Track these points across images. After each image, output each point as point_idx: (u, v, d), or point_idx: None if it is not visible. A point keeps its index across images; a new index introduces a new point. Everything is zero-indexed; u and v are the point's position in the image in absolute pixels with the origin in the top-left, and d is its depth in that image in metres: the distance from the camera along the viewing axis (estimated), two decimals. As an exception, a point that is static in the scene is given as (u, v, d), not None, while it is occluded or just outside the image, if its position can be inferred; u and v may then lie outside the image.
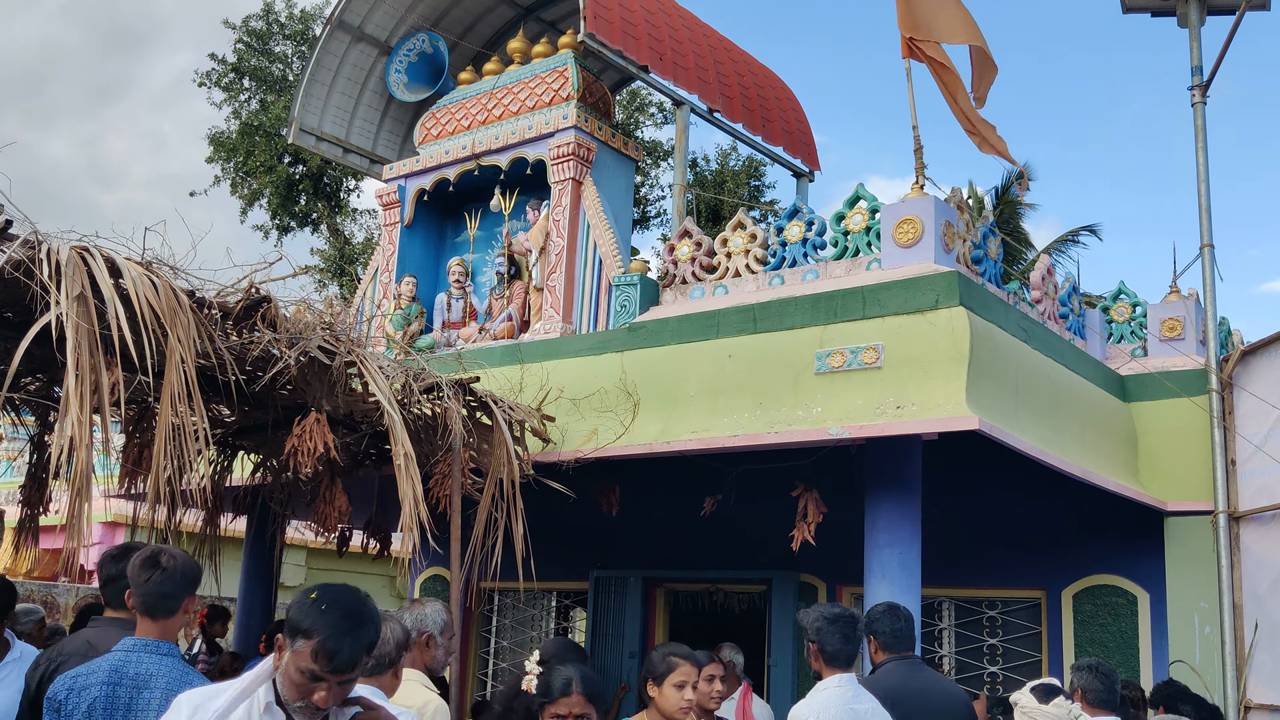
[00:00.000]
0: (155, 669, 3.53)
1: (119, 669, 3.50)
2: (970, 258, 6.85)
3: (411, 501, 5.45)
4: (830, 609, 4.70)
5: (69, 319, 4.43)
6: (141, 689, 3.48)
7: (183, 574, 3.73)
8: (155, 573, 3.67)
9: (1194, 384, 7.74)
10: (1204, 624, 7.46)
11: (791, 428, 6.12)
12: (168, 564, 3.71)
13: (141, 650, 3.58)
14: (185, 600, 3.73)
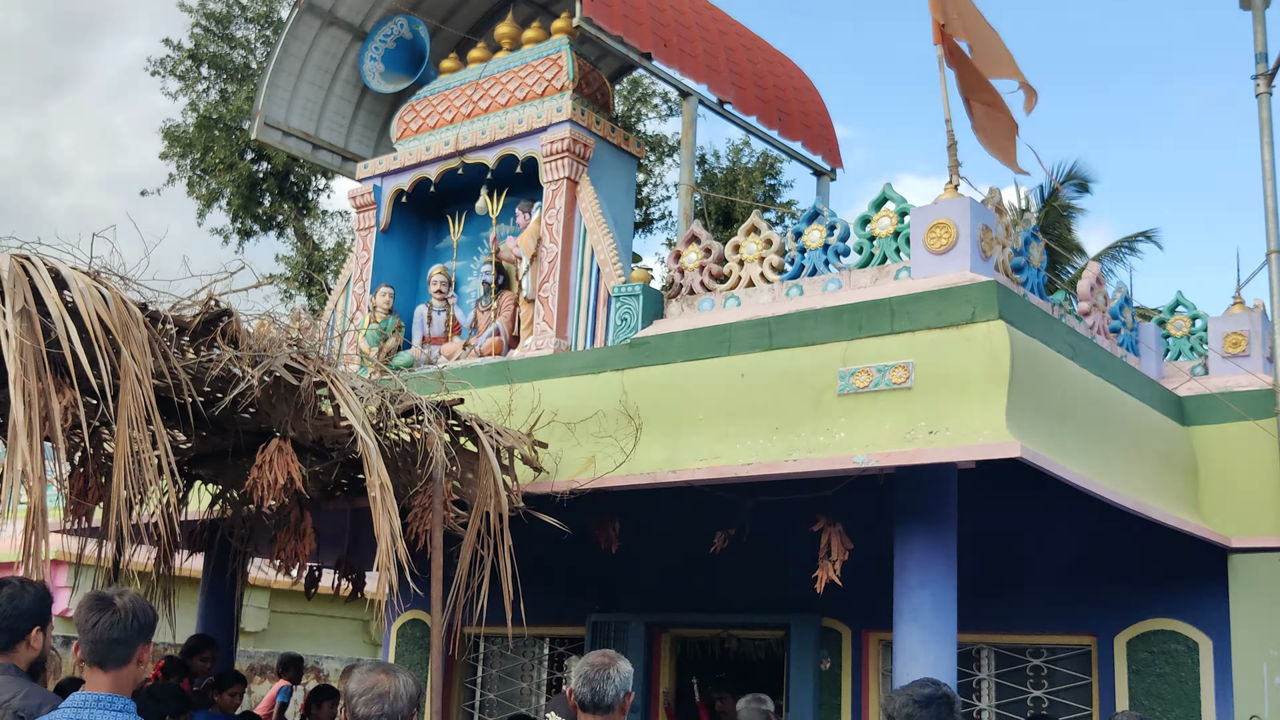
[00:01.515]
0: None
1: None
2: (1010, 266, 6.87)
3: (388, 537, 5.46)
4: (920, 690, 4.29)
5: (11, 337, 4.47)
6: None
7: (136, 619, 3.61)
8: (105, 616, 3.56)
9: (1260, 405, 7.74)
10: (1274, 674, 7.46)
11: (812, 455, 6.13)
12: (120, 607, 3.59)
13: (93, 706, 3.49)
14: (139, 649, 3.63)
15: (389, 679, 3.53)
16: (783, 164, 21.18)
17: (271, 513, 7.53)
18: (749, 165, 21.31)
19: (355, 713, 3.49)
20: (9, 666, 3.88)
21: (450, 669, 10.57)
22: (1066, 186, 20.82)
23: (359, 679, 3.55)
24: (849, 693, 8.63)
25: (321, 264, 21.39)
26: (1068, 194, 20.95)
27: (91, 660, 3.57)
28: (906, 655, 6.04)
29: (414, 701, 3.59)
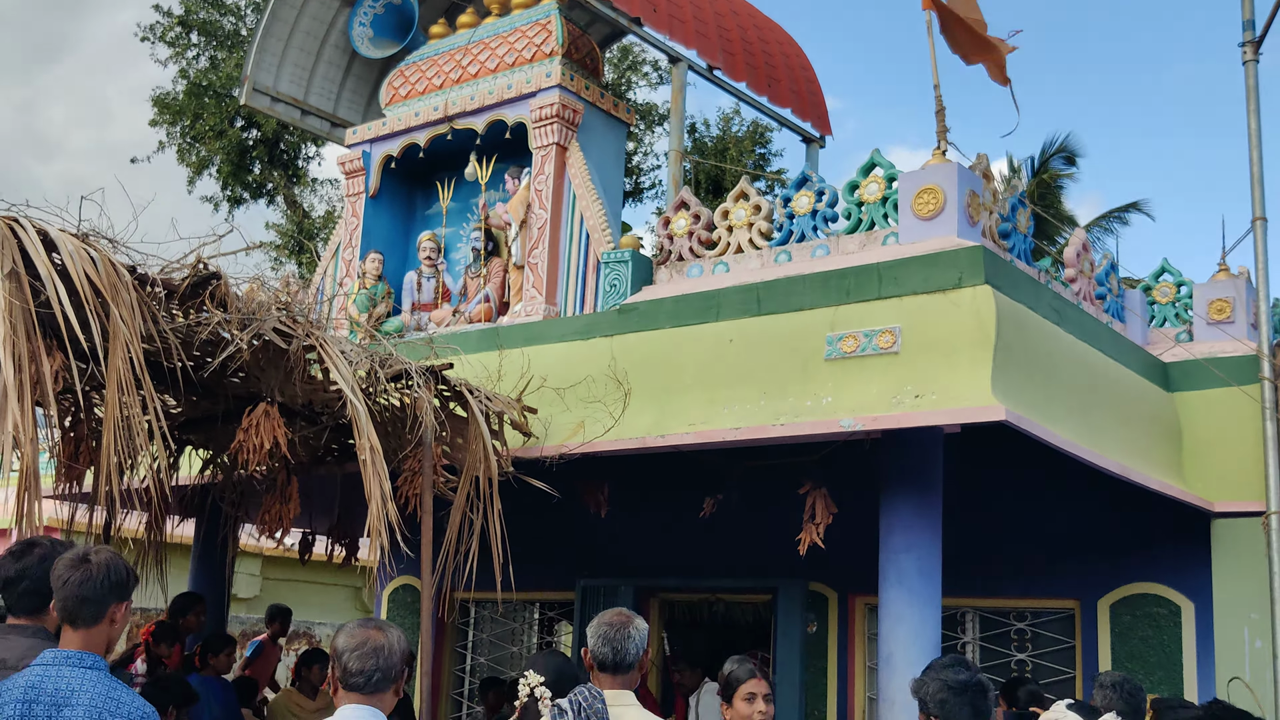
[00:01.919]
0: (77, 684, 3.42)
1: (36, 685, 3.39)
2: (997, 231, 6.88)
3: (379, 500, 5.47)
4: (954, 675, 4.11)
5: (1, 299, 4.45)
6: (62, 707, 3.37)
7: (108, 577, 3.57)
8: (76, 574, 3.54)
9: (1244, 371, 7.77)
10: (1255, 637, 7.52)
11: (799, 419, 6.15)
12: (94, 564, 3.57)
13: (63, 664, 3.46)
14: (111, 608, 3.59)
15: (381, 634, 3.52)
16: (773, 133, 21.12)
17: (261, 478, 7.54)
18: (739, 134, 21.25)
19: (348, 668, 3.47)
20: (37, 629, 3.84)
21: (441, 633, 10.61)
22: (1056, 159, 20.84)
23: (349, 634, 3.53)
24: (835, 655, 8.69)
25: (311, 231, 21.30)
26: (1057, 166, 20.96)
27: (64, 618, 3.54)
28: (892, 618, 6.08)
29: (405, 658, 3.58)
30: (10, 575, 3.86)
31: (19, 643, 3.76)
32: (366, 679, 3.47)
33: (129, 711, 3.43)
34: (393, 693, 3.58)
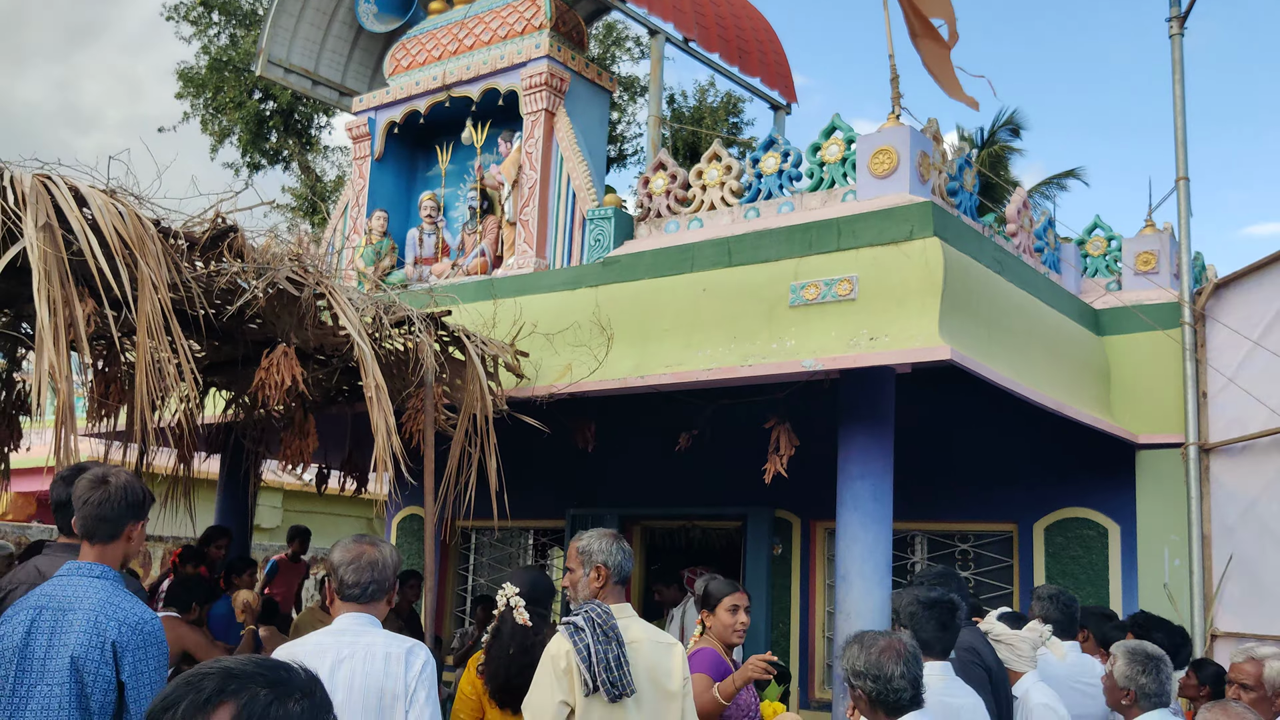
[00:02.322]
0: (84, 592, 3.42)
1: (49, 594, 3.42)
2: (946, 189, 6.88)
3: (384, 433, 5.47)
4: (927, 593, 4.16)
5: (35, 249, 4.41)
6: (66, 611, 3.37)
7: (124, 498, 3.54)
8: (96, 494, 3.51)
9: (1167, 317, 7.82)
10: (1174, 556, 7.60)
11: (765, 361, 6.15)
12: (112, 485, 3.54)
13: (75, 574, 3.47)
14: (128, 526, 3.57)
15: (374, 549, 3.52)
16: (745, 103, 21.03)
17: (279, 416, 7.53)
18: (713, 104, 21.14)
19: (344, 580, 3.47)
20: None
21: (445, 557, 10.67)
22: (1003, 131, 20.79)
23: (344, 549, 3.53)
24: (798, 574, 8.77)
25: (323, 194, 21.17)
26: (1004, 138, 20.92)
27: (83, 534, 3.52)
28: (847, 540, 6.12)
29: (397, 571, 3.58)
30: (62, 499, 3.87)
31: (63, 560, 3.75)
32: (362, 590, 3.47)
33: (125, 616, 3.41)
34: (386, 603, 3.58)
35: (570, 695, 3.69)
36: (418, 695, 3.37)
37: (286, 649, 3.45)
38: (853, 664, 3.45)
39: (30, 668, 3.31)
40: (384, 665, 3.35)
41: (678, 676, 3.96)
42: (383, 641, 3.41)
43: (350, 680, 3.31)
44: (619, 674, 3.71)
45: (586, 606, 3.87)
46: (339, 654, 3.35)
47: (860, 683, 3.43)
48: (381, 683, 3.32)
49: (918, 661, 3.45)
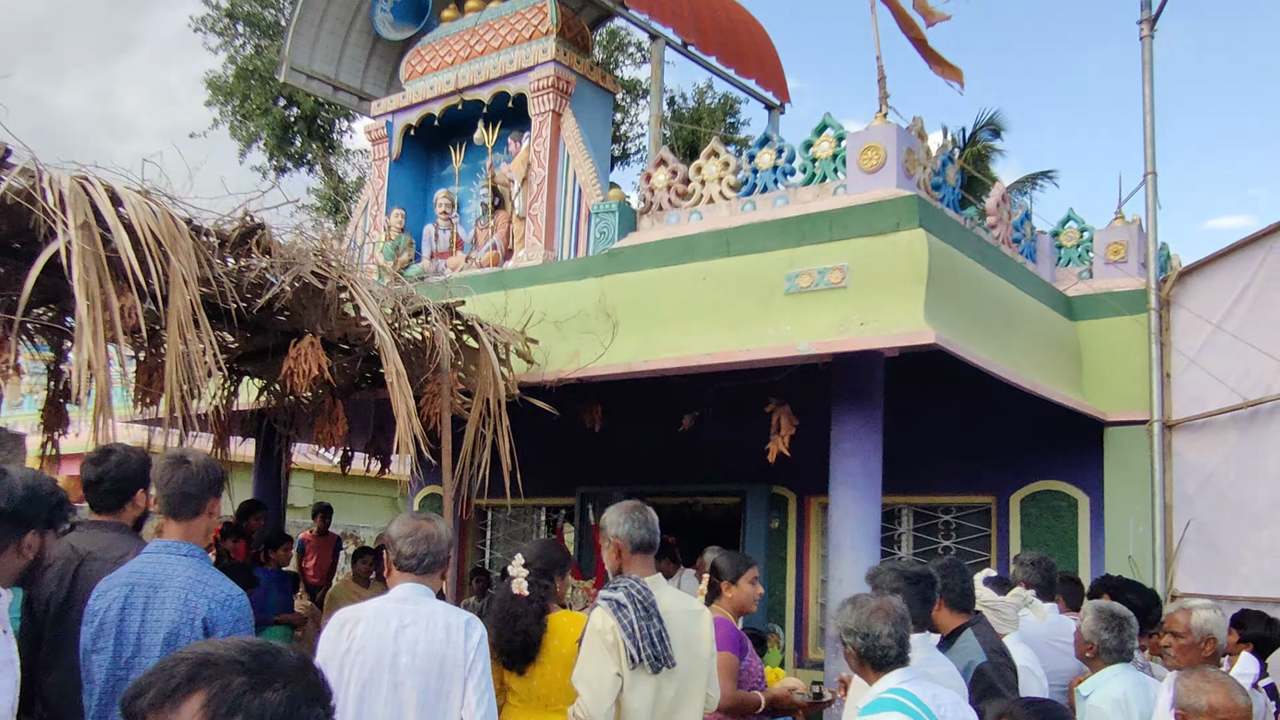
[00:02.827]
0: (173, 569, 3.33)
1: (139, 571, 3.32)
2: (930, 184, 6.77)
3: (405, 416, 5.38)
4: (908, 567, 3.99)
5: (75, 246, 4.32)
6: (158, 589, 3.28)
7: (206, 474, 3.47)
8: (179, 473, 3.42)
9: (1135, 303, 7.75)
10: (1138, 524, 7.54)
11: (762, 345, 6.06)
12: (194, 463, 3.46)
13: (163, 551, 3.38)
14: (210, 502, 3.49)
15: (430, 525, 3.52)
16: (741, 104, 20.88)
17: (308, 402, 7.45)
18: (711, 105, 20.98)
19: (401, 551, 3.48)
20: (119, 526, 3.75)
21: (463, 533, 10.59)
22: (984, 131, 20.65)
23: (402, 523, 3.54)
24: (794, 547, 8.71)
25: (346, 194, 21.03)
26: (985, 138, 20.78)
27: (167, 512, 3.43)
28: (840, 513, 6.05)
29: (450, 546, 3.60)
30: (92, 478, 3.76)
31: (102, 537, 3.68)
32: (418, 561, 3.47)
33: (214, 592, 3.34)
34: (440, 576, 3.58)
35: (620, 667, 3.61)
36: (476, 665, 3.39)
37: (349, 611, 3.44)
38: (845, 622, 3.45)
39: (126, 642, 3.24)
40: (445, 635, 3.36)
41: (707, 643, 3.89)
42: (442, 612, 3.43)
43: (414, 646, 3.33)
44: (661, 648, 3.64)
45: (626, 583, 3.73)
46: (402, 620, 3.36)
47: (850, 639, 3.42)
48: (444, 650, 3.34)
49: (905, 623, 3.41)
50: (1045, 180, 20.69)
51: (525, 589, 4.37)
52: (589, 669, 3.64)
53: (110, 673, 3.24)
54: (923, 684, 3.35)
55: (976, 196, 8.34)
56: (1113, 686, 4.25)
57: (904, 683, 3.32)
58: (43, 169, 4.57)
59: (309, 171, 22.01)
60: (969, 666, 3.92)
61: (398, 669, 3.30)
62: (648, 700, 3.64)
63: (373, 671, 3.31)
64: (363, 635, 3.35)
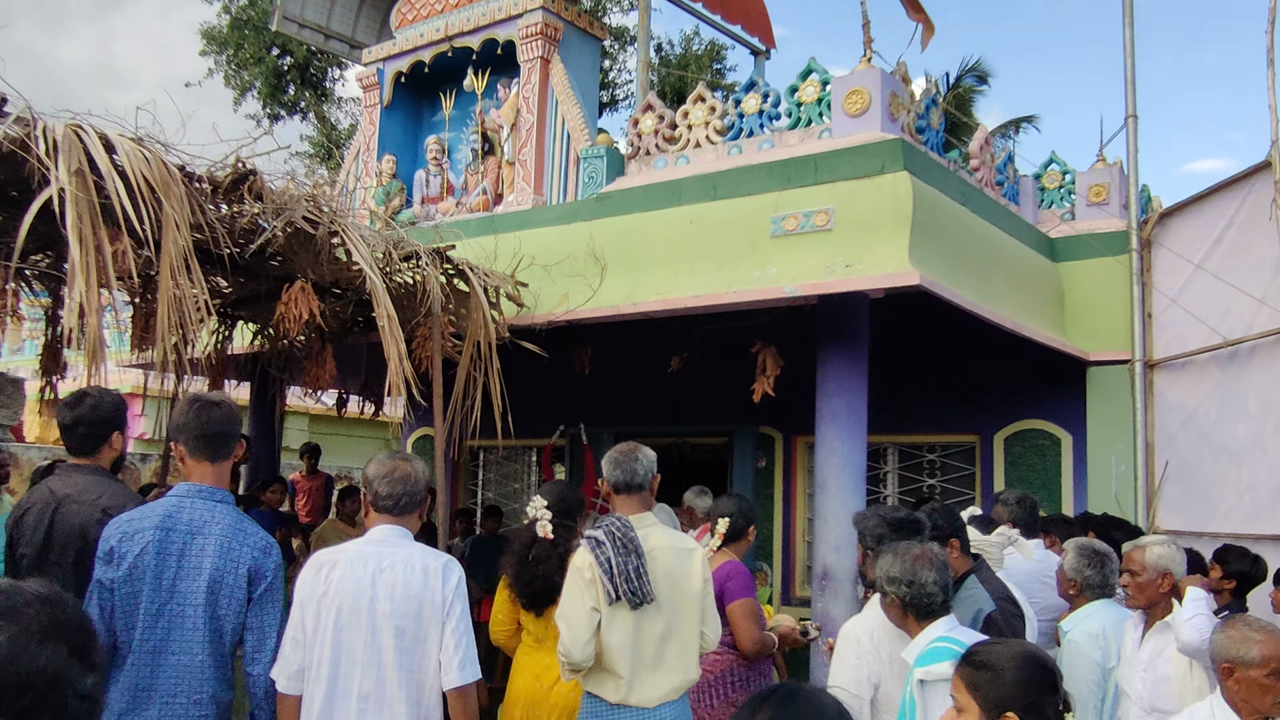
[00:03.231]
0: (209, 515, 3.32)
1: (172, 514, 3.29)
2: (914, 127, 6.75)
3: (396, 359, 5.40)
4: (892, 513, 3.90)
5: (69, 193, 4.31)
6: (196, 534, 3.28)
7: (235, 416, 3.47)
8: (217, 411, 3.40)
9: (1117, 244, 7.77)
10: (1120, 462, 7.62)
11: (749, 288, 6.08)
12: (224, 405, 3.43)
13: (196, 496, 3.35)
14: (238, 444, 3.51)
15: (407, 464, 3.46)
16: (727, 50, 20.66)
17: (300, 346, 7.47)
18: (698, 52, 20.78)
19: (378, 492, 3.41)
20: (96, 468, 3.73)
21: (455, 473, 10.67)
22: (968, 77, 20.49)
23: (378, 464, 3.47)
24: (780, 485, 8.79)
25: (339, 141, 20.87)
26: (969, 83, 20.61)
27: (201, 454, 3.39)
28: (825, 452, 6.10)
29: (428, 485, 3.52)
30: (68, 421, 3.75)
31: (79, 479, 3.67)
32: (395, 502, 3.41)
33: (256, 540, 3.36)
34: (418, 516, 3.50)
35: (597, 603, 3.65)
36: (454, 608, 3.32)
37: (327, 553, 3.40)
38: (888, 571, 3.35)
39: (160, 587, 3.23)
40: (423, 577, 3.30)
41: (698, 580, 3.87)
42: (420, 554, 3.37)
43: (392, 589, 3.27)
44: (638, 584, 3.65)
45: (607, 521, 3.79)
46: (380, 563, 3.31)
47: (895, 588, 3.33)
48: (421, 593, 3.28)
49: (947, 570, 3.36)
50: (1028, 125, 20.62)
51: (550, 532, 4.43)
52: (568, 606, 3.70)
53: (138, 616, 3.21)
54: (967, 632, 3.29)
55: (960, 141, 8.30)
56: (1091, 622, 4.32)
57: (950, 631, 3.26)
58: (38, 117, 4.55)
59: (302, 119, 21.84)
60: (978, 615, 3.84)
61: (375, 613, 3.25)
62: (628, 637, 3.68)
63: (350, 615, 3.26)
64: (340, 579, 3.29)
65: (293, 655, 3.28)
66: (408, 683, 3.25)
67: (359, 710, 3.22)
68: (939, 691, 3.01)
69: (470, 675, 3.30)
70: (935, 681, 3.04)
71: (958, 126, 15.67)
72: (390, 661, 3.24)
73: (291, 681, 3.28)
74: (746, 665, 4.80)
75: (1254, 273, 6.74)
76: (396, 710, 3.23)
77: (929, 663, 3.13)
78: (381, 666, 3.24)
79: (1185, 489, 7.23)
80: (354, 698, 3.23)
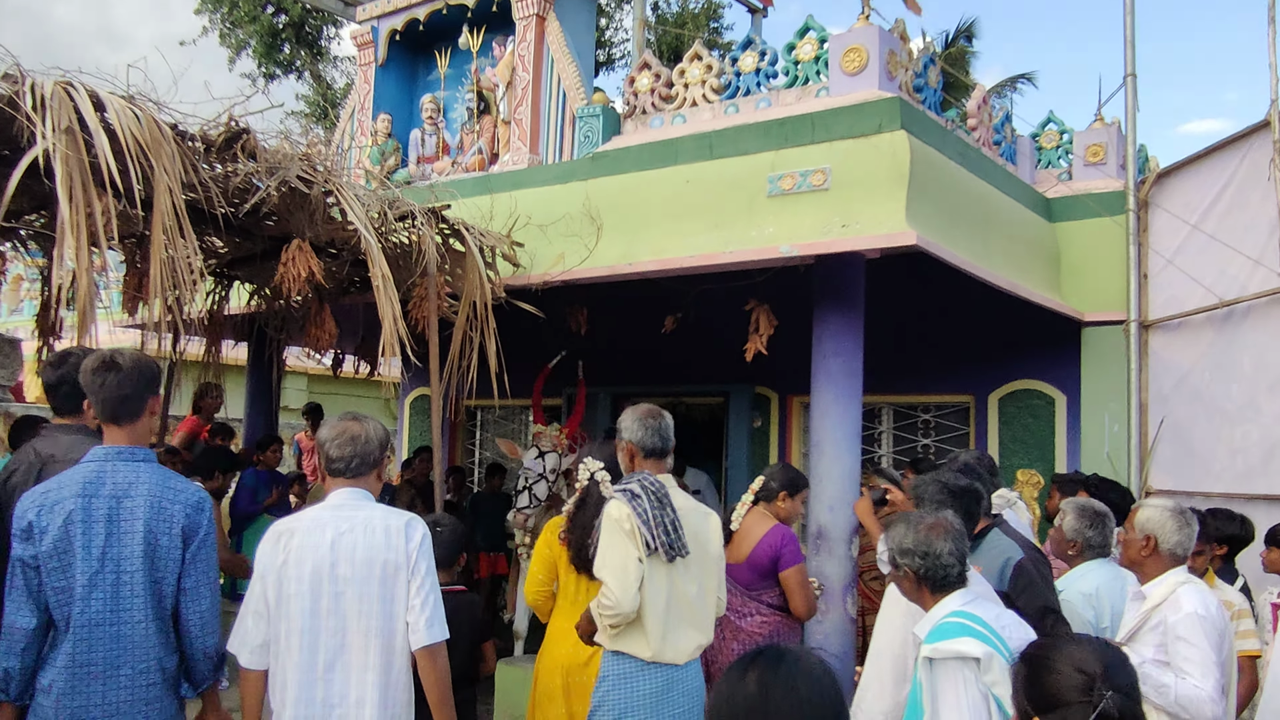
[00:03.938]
0: (134, 476, 3.19)
1: (93, 480, 3.15)
2: (912, 86, 6.64)
3: (391, 320, 5.34)
4: (954, 481, 3.69)
5: (57, 151, 4.23)
6: (123, 498, 3.15)
7: (140, 373, 3.27)
8: (111, 375, 3.22)
9: (1113, 204, 7.69)
10: (1113, 423, 7.59)
11: (745, 247, 6.00)
12: (124, 364, 3.25)
13: (115, 459, 3.20)
14: (149, 401, 3.31)
15: (358, 425, 3.34)
16: (724, 8, 20.41)
17: (298, 306, 7.40)
18: (695, 10, 20.53)
19: (329, 455, 3.30)
20: (81, 427, 3.66)
21: (453, 433, 10.64)
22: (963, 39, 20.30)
23: (330, 426, 3.36)
24: (775, 445, 8.76)
25: (334, 101, 20.66)
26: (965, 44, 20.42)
27: (106, 418, 3.25)
28: (821, 412, 6.05)
29: (384, 445, 3.39)
30: (52, 381, 3.71)
31: (64, 439, 3.61)
32: (346, 464, 3.30)
33: (185, 497, 3.24)
34: (375, 477, 3.39)
35: (640, 553, 3.60)
36: (419, 566, 3.23)
37: (284, 522, 3.30)
38: (899, 542, 3.18)
39: (91, 557, 3.09)
40: (384, 538, 3.21)
41: (716, 543, 3.87)
42: (381, 515, 3.27)
43: (352, 553, 3.18)
44: (675, 536, 3.62)
45: (639, 476, 3.74)
46: (338, 528, 3.21)
47: (907, 560, 3.15)
48: (384, 555, 3.19)
49: (964, 539, 3.19)
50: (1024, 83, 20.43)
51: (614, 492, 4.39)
52: (612, 557, 3.61)
53: (73, 590, 3.08)
54: (984, 605, 3.12)
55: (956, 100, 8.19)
56: (1085, 581, 4.28)
57: (965, 605, 3.08)
58: (26, 74, 4.46)
59: (298, 78, 21.61)
60: (1006, 563, 3.73)
61: (337, 578, 3.16)
62: (663, 592, 3.64)
63: (311, 583, 3.16)
64: (299, 547, 3.19)
65: (255, 629, 3.19)
66: (376, 648, 3.16)
67: (325, 680, 3.13)
68: (949, 671, 2.87)
69: (439, 634, 3.22)
70: (945, 660, 2.89)
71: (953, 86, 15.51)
72: (356, 627, 3.16)
73: (255, 656, 3.20)
74: (790, 626, 4.85)
75: (1250, 233, 6.67)
76: (366, 677, 3.15)
77: (940, 639, 2.97)
78: (347, 632, 3.16)
79: (1178, 449, 7.20)
80: (320, 668, 3.13)
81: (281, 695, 3.16)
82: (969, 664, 2.81)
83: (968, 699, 2.80)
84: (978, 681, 2.79)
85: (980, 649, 2.80)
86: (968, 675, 2.81)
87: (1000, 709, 2.77)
